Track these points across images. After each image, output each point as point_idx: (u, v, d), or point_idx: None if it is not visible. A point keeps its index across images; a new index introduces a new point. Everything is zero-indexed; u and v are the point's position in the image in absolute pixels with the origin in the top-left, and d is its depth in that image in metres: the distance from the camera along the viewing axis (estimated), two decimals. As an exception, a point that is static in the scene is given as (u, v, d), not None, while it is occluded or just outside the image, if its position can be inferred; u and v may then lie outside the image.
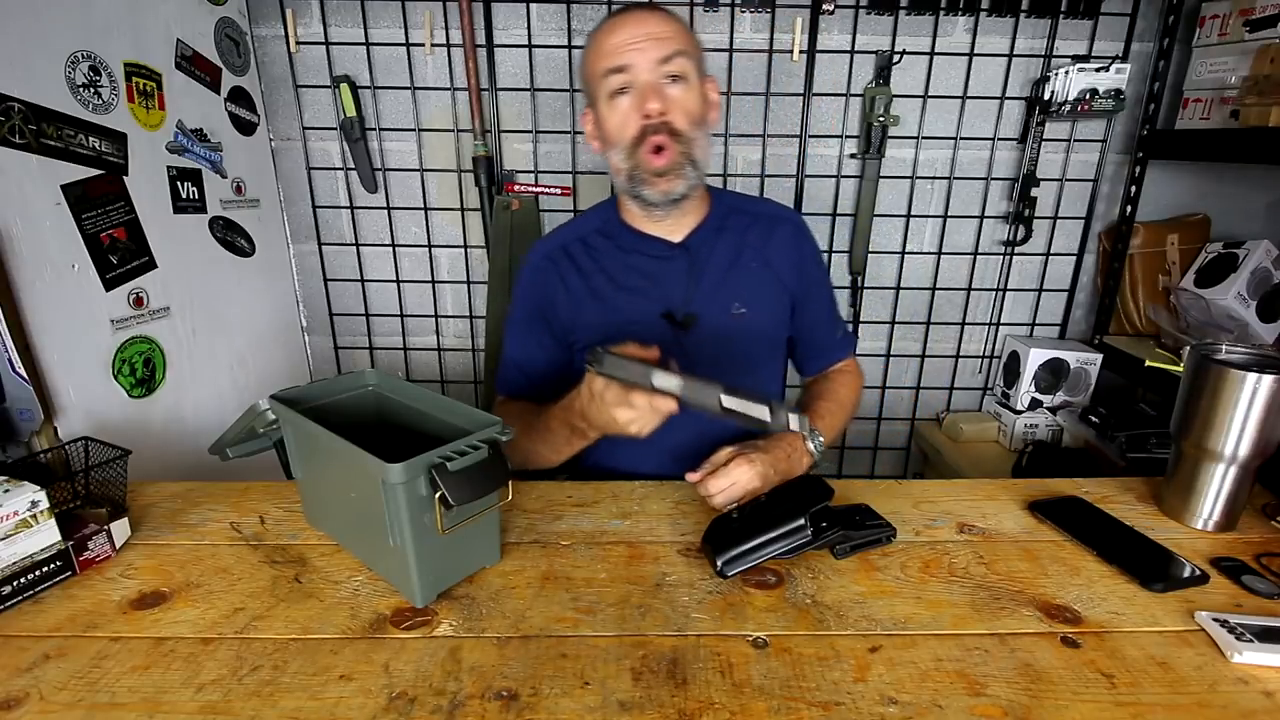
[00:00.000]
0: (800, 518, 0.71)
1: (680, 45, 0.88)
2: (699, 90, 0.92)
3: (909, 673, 0.58)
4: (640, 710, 0.54)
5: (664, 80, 0.88)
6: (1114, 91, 1.46)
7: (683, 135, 0.90)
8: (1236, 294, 1.48)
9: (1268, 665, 0.59)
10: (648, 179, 0.91)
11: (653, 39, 0.87)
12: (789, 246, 1.03)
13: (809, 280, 1.05)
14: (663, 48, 0.87)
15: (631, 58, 0.87)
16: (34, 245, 1.03)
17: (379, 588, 0.70)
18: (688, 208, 0.97)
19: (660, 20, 0.89)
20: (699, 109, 0.92)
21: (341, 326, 1.81)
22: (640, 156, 0.90)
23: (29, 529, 0.67)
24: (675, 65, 0.88)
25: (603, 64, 0.89)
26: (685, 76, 0.90)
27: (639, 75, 0.88)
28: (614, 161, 0.94)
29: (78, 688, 0.57)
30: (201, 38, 1.39)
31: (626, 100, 0.89)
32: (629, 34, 0.87)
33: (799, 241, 1.04)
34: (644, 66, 0.87)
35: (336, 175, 1.67)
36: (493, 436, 0.67)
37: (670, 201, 0.93)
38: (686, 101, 0.90)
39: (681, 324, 0.97)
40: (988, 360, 1.83)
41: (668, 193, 0.91)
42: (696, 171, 0.92)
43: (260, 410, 0.83)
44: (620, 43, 0.87)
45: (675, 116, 0.89)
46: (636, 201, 0.96)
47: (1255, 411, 0.74)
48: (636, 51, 0.87)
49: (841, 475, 1.93)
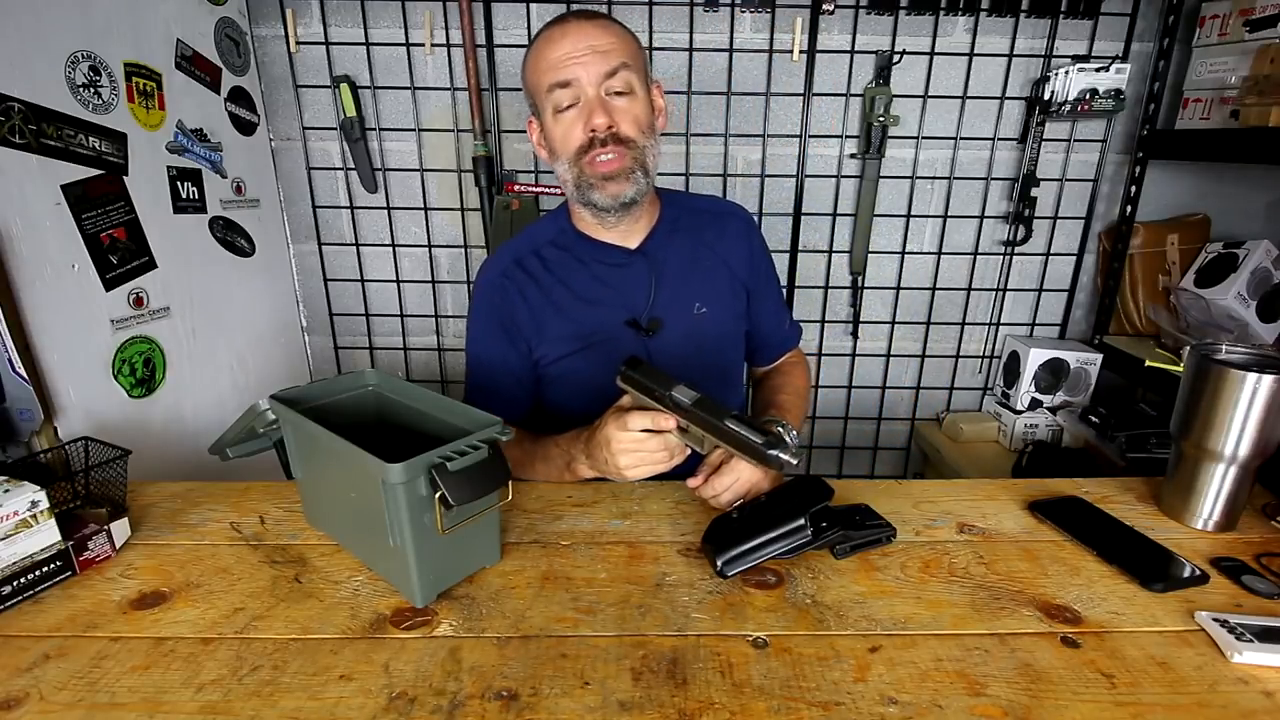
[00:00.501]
0: (800, 518, 0.71)
1: (624, 57, 0.87)
2: (645, 99, 0.91)
3: (909, 673, 0.58)
4: (640, 710, 0.54)
5: (609, 95, 0.87)
6: (1114, 91, 1.46)
7: (632, 142, 0.89)
8: (1236, 294, 1.48)
9: (1268, 665, 0.59)
10: (596, 184, 0.90)
11: (596, 52, 0.85)
12: (740, 241, 1.05)
13: (759, 273, 1.07)
14: (607, 61, 0.86)
15: (575, 72, 0.86)
16: (34, 245, 1.03)
17: (379, 588, 0.70)
18: (639, 213, 0.96)
19: (602, 31, 0.87)
20: (647, 116, 0.91)
21: (341, 326, 1.81)
22: (585, 163, 0.89)
23: (29, 529, 0.67)
24: (619, 80, 0.87)
25: (546, 78, 0.87)
26: (631, 90, 0.88)
27: (584, 89, 0.87)
28: (560, 172, 0.93)
29: (78, 688, 0.57)
30: (201, 38, 1.39)
31: (573, 114, 0.88)
32: (571, 46, 0.85)
33: (749, 235, 1.06)
34: (588, 81, 0.86)
35: (336, 175, 1.67)
36: (493, 436, 0.67)
37: (621, 205, 0.91)
38: (633, 110, 0.89)
39: (647, 330, 0.97)
40: (988, 360, 1.83)
41: (617, 196, 0.90)
42: (647, 178, 0.92)
43: (260, 410, 0.83)
44: (563, 56, 0.86)
45: (623, 125, 0.88)
46: (588, 209, 0.94)
47: (1255, 411, 0.74)
48: (579, 65, 0.85)
49: (841, 475, 1.93)
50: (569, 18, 0.88)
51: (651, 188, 0.95)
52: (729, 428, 0.74)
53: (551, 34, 0.88)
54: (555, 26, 0.88)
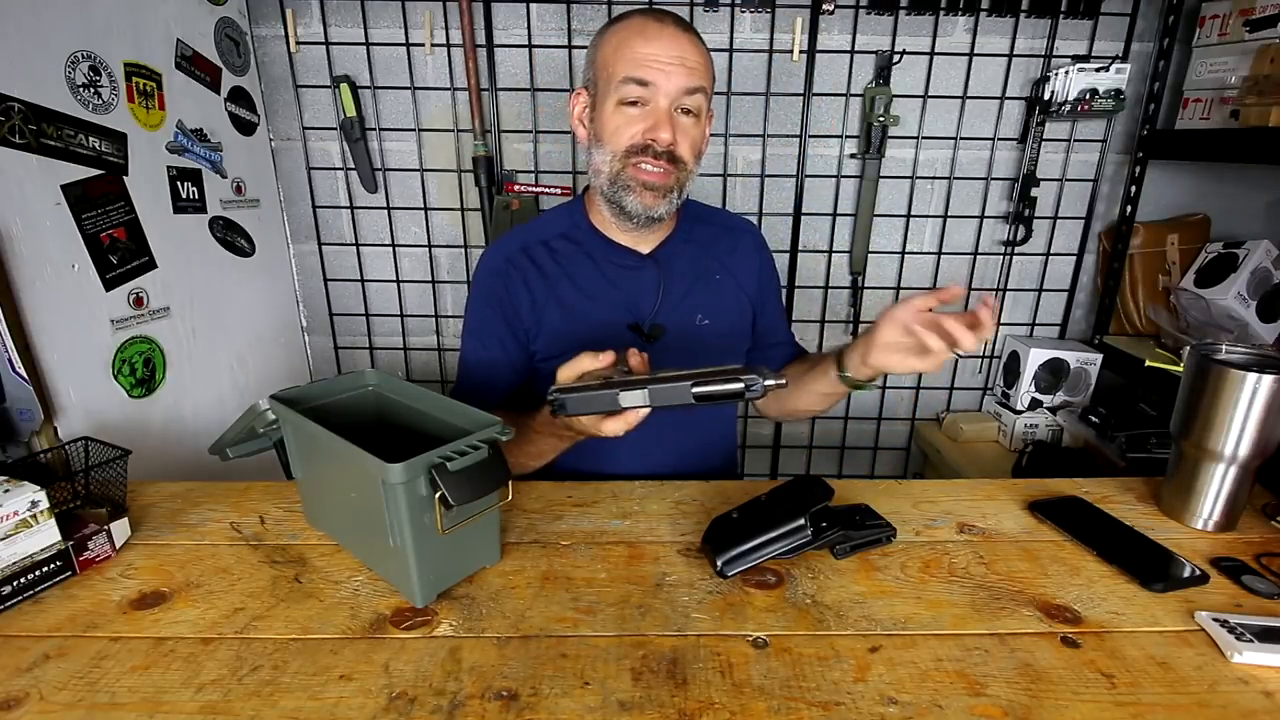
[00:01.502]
0: (800, 518, 0.71)
1: (704, 81, 0.88)
2: (705, 127, 0.92)
3: (909, 673, 0.58)
4: (640, 710, 0.54)
5: (679, 110, 0.87)
6: (1114, 91, 1.46)
7: (683, 164, 0.89)
8: (1236, 294, 1.48)
9: (1268, 665, 0.59)
10: (635, 188, 0.89)
11: (684, 67, 0.85)
12: (749, 258, 1.05)
13: (766, 293, 1.08)
14: (691, 79, 0.86)
15: (657, 77, 0.85)
16: (34, 245, 1.03)
17: (379, 588, 0.70)
18: (661, 224, 0.97)
19: (695, 47, 0.87)
20: (700, 143, 0.92)
21: (341, 326, 1.81)
22: (631, 165, 0.88)
23: (29, 529, 0.67)
24: (694, 100, 0.87)
25: (625, 67, 0.85)
26: (698, 112, 0.89)
27: (658, 97, 0.86)
28: (596, 161, 0.91)
29: (78, 688, 0.57)
30: (201, 38, 1.39)
31: (636, 113, 0.87)
32: (662, 49, 0.85)
33: (759, 253, 1.07)
34: (666, 90, 0.85)
35: (336, 175, 1.67)
36: (493, 436, 0.67)
37: (649, 218, 0.92)
38: (693, 134, 0.89)
39: (649, 335, 0.97)
40: (988, 360, 1.83)
41: (650, 208, 0.90)
42: (679, 198, 0.93)
43: (260, 410, 0.83)
44: (651, 54, 0.84)
45: (681, 146, 0.88)
46: (612, 208, 0.93)
47: (1255, 411, 0.74)
48: (663, 73, 0.84)
49: (841, 475, 1.93)
50: (667, 18, 0.87)
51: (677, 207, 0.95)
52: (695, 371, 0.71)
53: (647, 27, 0.86)
54: (652, 20, 0.87)
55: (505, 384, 1.02)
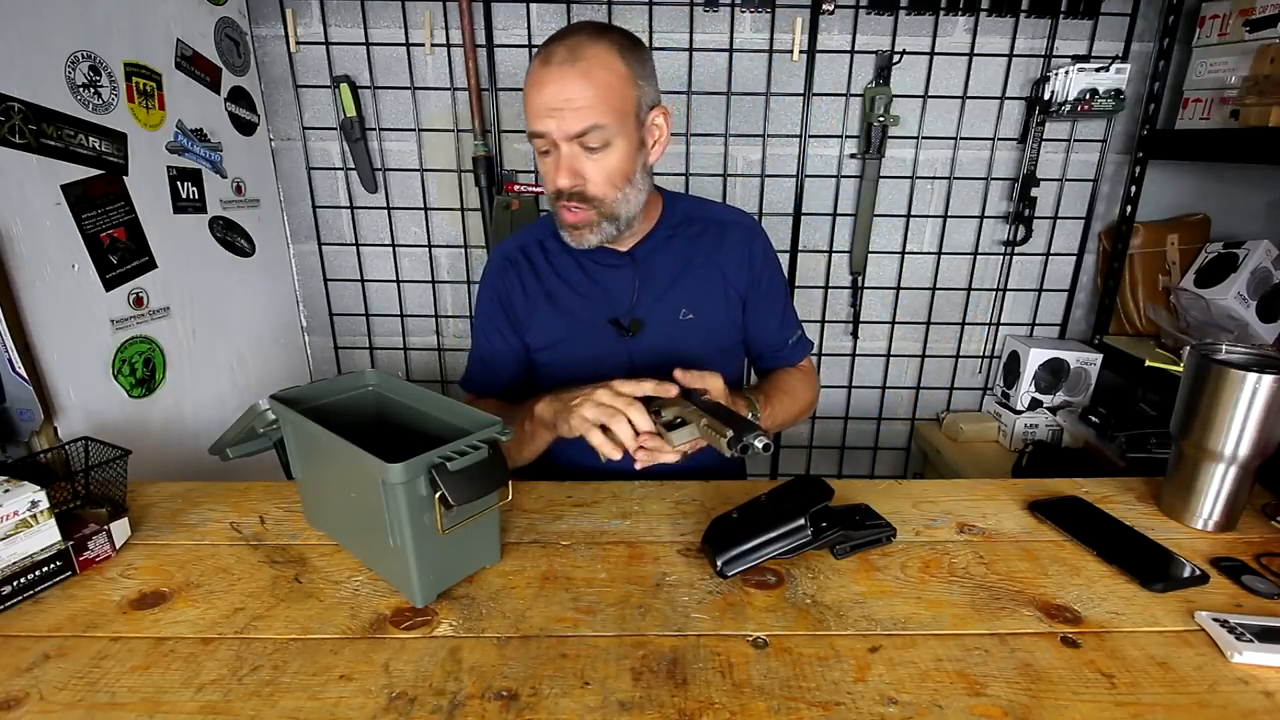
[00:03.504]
0: (800, 518, 0.71)
1: (597, 117, 0.84)
2: (625, 149, 0.88)
3: (909, 673, 0.58)
4: (640, 710, 0.54)
5: (581, 150, 0.87)
6: (1114, 91, 1.46)
7: (597, 200, 0.90)
8: (1236, 294, 1.48)
9: (1268, 665, 0.59)
10: (565, 227, 0.93)
11: (571, 109, 0.83)
12: (739, 250, 1.05)
13: (760, 284, 1.06)
14: (579, 121, 0.84)
15: (548, 125, 0.85)
16: (34, 245, 1.03)
17: (379, 588, 0.70)
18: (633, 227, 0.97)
19: (582, 82, 0.83)
20: (625, 167, 0.89)
21: (341, 326, 1.81)
22: (560, 206, 0.91)
23: (29, 529, 0.67)
24: (591, 138, 0.85)
25: (528, 122, 0.88)
26: (604, 145, 0.87)
27: (556, 144, 0.87)
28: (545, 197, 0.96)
29: (78, 688, 0.57)
30: (201, 38, 1.39)
31: (550, 161, 0.89)
32: (549, 97, 0.84)
33: (750, 243, 1.06)
34: (560, 136, 0.85)
35: (336, 175, 1.67)
36: (493, 436, 0.67)
37: (585, 250, 0.95)
38: (606, 166, 0.88)
39: (628, 330, 1.01)
40: (988, 360, 1.83)
41: (578, 242, 0.94)
42: (616, 224, 0.93)
43: (260, 410, 0.83)
44: (540, 105, 0.85)
45: (590, 185, 0.89)
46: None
47: (1255, 411, 0.74)
48: (552, 119, 0.84)
49: (841, 475, 1.93)
50: (555, 54, 0.84)
51: (624, 230, 0.95)
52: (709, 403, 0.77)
53: (536, 74, 0.85)
54: (540, 63, 0.85)
55: (509, 373, 1.09)
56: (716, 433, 0.70)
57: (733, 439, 0.68)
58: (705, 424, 0.73)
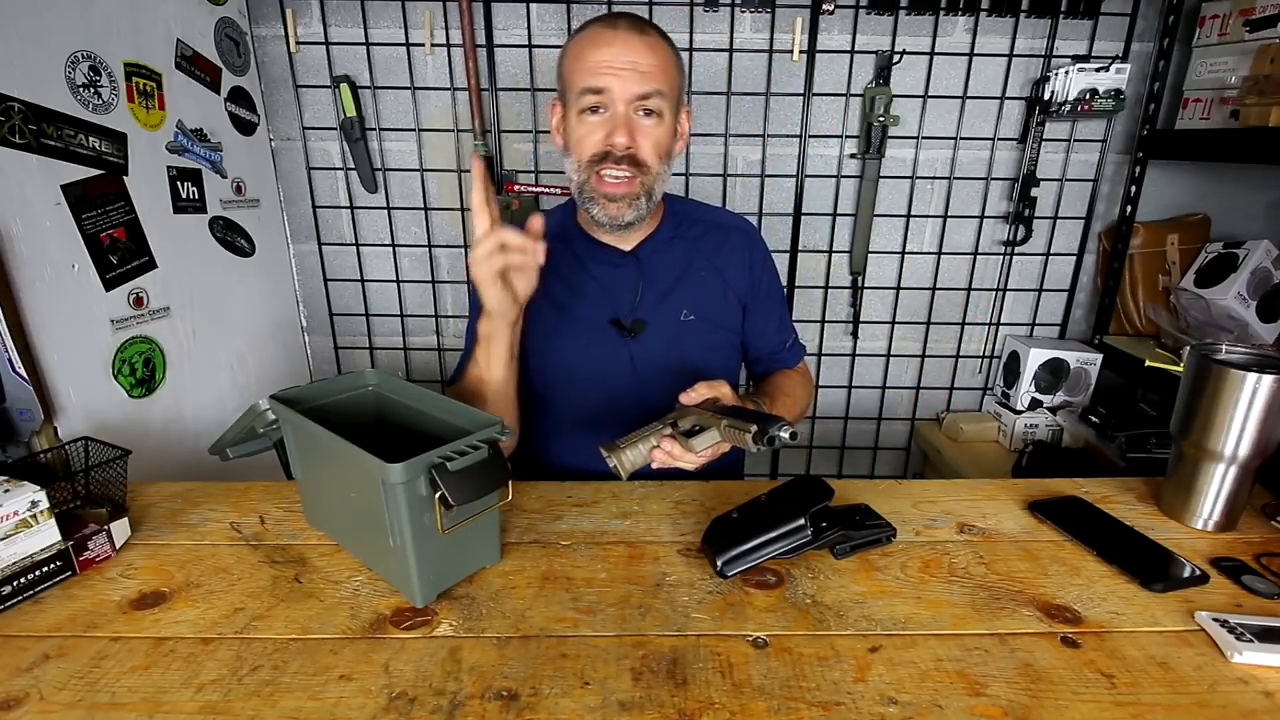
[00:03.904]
0: (800, 518, 0.71)
1: (661, 84, 0.87)
2: (670, 125, 0.91)
3: (909, 673, 0.58)
4: (640, 710, 0.54)
5: (638, 114, 0.88)
6: (1114, 91, 1.46)
7: (646, 167, 0.89)
8: (1236, 294, 1.48)
9: (1268, 665, 0.59)
10: (598, 199, 0.91)
11: (636, 71, 0.85)
12: (740, 255, 1.05)
13: (759, 289, 1.07)
14: (644, 83, 0.86)
15: (610, 83, 0.85)
16: (34, 245, 1.03)
17: (379, 588, 0.70)
18: (636, 226, 0.97)
19: (648, 50, 0.86)
20: (668, 143, 0.91)
21: (341, 326, 1.81)
22: (594, 176, 0.90)
23: (29, 529, 0.67)
24: (652, 103, 0.87)
25: (581, 78, 0.87)
26: (660, 114, 0.88)
27: (614, 103, 0.86)
28: (568, 168, 0.94)
29: (78, 688, 0.57)
30: (201, 38, 1.39)
31: (597, 120, 0.88)
32: (613, 56, 0.85)
33: (750, 248, 1.06)
34: (621, 96, 0.86)
35: (336, 175, 1.67)
36: (493, 436, 0.67)
37: (616, 226, 0.94)
38: (655, 136, 0.89)
39: (629, 330, 1.00)
40: (988, 360, 1.83)
41: (615, 217, 0.92)
42: (650, 203, 0.93)
43: (260, 410, 0.83)
44: (603, 61, 0.85)
45: (643, 149, 0.89)
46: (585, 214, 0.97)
47: (1255, 411, 0.74)
48: (616, 79, 0.85)
49: (841, 475, 1.93)
50: (620, 22, 0.87)
51: (650, 211, 0.96)
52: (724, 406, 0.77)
53: (600, 34, 0.87)
54: (605, 26, 0.87)
55: None
56: (740, 431, 0.71)
57: (758, 433, 0.69)
58: (726, 425, 0.74)
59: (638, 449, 0.80)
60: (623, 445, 0.80)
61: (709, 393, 0.82)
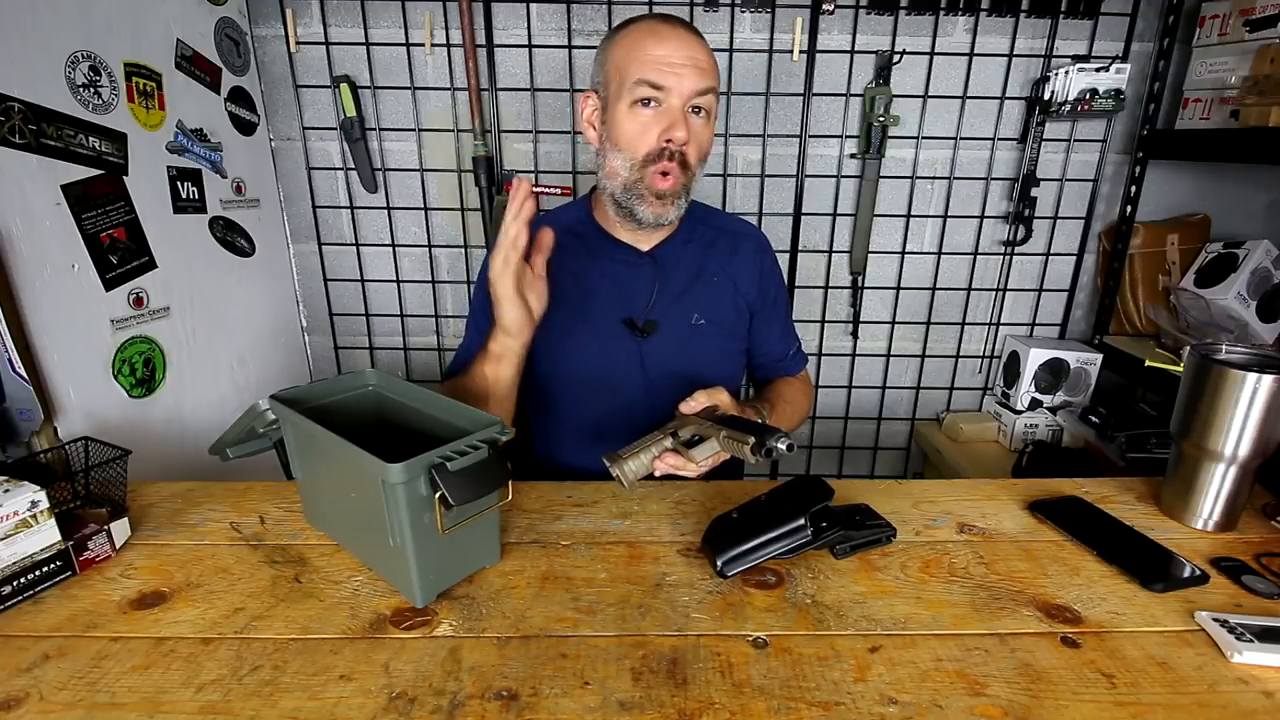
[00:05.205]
0: (800, 518, 0.71)
1: (714, 82, 0.90)
2: (713, 128, 0.94)
3: (909, 673, 0.58)
4: (640, 710, 0.54)
5: (691, 111, 0.89)
6: (1114, 91, 1.46)
7: (690, 168, 0.91)
8: (1236, 294, 1.48)
9: (1268, 665, 0.59)
10: (647, 198, 0.91)
11: (697, 68, 0.87)
12: (750, 262, 1.06)
13: (767, 297, 1.08)
14: (702, 80, 0.87)
15: (670, 79, 0.86)
16: (34, 245, 1.03)
17: (379, 588, 0.70)
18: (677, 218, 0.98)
19: (704, 49, 0.89)
20: (710, 144, 0.94)
21: (341, 326, 1.81)
22: (649, 174, 0.90)
23: (29, 529, 0.67)
24: (705, 101, 0.89)
25: (640, 69, 0.87)
26: (709, 112, 0.91)
27: (672, 99, 0.87)
28: (613, 164, 0.92)
29: (78, 688, 0.57)
30: (201, 38, 1.39)
31: (650, 114, 0.88)
32: (675, 52, 0.86)
33: (761, 256, 1.08)
34: (680, 91, 0.87)
35: (336, 175, 1.67)
36: (493, 436, 0.67)
37: (658, 225, 0.95)
38: (703, 136, 0.91)
39: (642, 331, 0.99)
40: (988, 360, 1.83)
41: (661, 216, 0.93)
42: (686, 201, 0.95)
43: (260, 410, 0.83)
44: (665, 56, 0.86)
45: (691, 150, 0.90)
46: (621, 212, 0.95)
47: (1255, 411, 0.74)
48: (676, 75, 0.86)
49: (841, 475, 1.93)
50: (675, 22, 0.90)
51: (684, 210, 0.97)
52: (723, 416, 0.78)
53: (658, 29, 0.88)
54: (661, 23, 0.89)
55: None
56: (738, 441, 0.72)
57: (755, 445, 0.69)
58: (725, 436, 0.74)
59: (640, 459, 0.80)
60: (625, 456, 0.80)
61: (708, 401, 0.82)
